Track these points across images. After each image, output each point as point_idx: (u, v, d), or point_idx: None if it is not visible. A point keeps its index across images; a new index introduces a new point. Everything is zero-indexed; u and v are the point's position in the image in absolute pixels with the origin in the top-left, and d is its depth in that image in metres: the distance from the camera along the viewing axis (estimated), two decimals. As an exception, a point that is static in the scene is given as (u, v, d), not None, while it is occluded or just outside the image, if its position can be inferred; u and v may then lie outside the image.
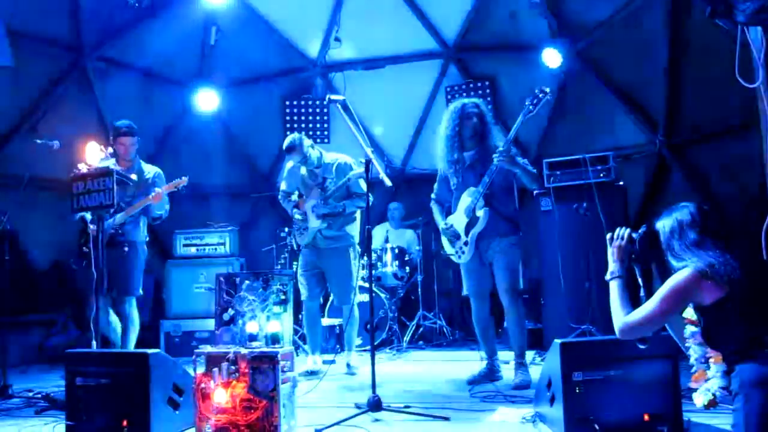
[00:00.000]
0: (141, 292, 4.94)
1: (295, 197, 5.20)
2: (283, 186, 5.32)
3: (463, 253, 4.52)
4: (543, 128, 7.44)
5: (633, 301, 2.46)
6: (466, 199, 4.50)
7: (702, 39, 5.80)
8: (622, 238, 2.56)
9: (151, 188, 4.83)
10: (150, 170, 5.08)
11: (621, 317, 2.43)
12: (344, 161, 5.08)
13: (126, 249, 4.76)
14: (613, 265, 2.56)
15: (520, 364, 4.42)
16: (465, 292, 4.66)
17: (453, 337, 6.91)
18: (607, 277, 2.56)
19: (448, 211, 4.71)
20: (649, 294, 2.43)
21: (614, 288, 2.52)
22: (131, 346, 4.81)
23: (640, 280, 2.51)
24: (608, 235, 2.62)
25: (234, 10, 7.20)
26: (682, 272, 2.30)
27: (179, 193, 4.93)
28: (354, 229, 5.17)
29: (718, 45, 4.76)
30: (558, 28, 6.86)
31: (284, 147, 5.03)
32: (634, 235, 2.54)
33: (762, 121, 3.32)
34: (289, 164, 5.24)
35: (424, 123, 8.09)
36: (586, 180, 5.37)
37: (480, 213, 4.41)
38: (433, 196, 4.86)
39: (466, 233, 4.48)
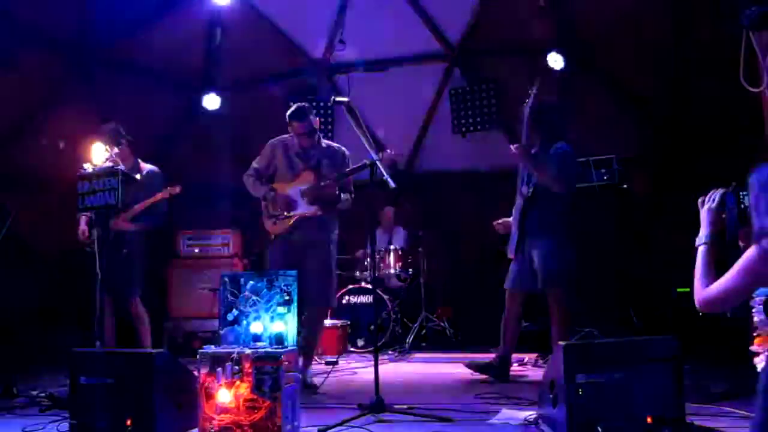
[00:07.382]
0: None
1: (268, 194, 4.56)
2: (255, 163, 4.67)
3: (510, 249, 4.60)
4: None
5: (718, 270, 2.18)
6: (518, 199, 4.58)
7: (707, 43, 5.80)
8: (714, 200, 2.34)
9: (149, 189, 4.87)
10: (144, 169, 5.09)
11: (699, 290, 2.18)
12: (338, 147, 4.71)
13: (125, 251, 4.72)
14: (702, 230, 2.31)
15: None
16: (506, 285, 4.65)
17: (456, 339, 6.90)
18: (697, 242, 2.32)
19: None
20: None
21: (699, 255, 2.27)
22: (148, 344, 4.88)
23: (740, 244, 2.24)
24: (699, 200, 2.39)
25: (238, 12, 7.22)
26: (751, 250, 2.00)
27: (181, 194, 4.99)
28: (336, 223, 4.65)
29: (723, 49, 4.76)
30: (563, 31, 6.86)
31: (289, 113, 4.54)
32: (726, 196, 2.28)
33: (767, 125, 3.32)
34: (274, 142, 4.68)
35: (428, 126, 8.09)
36: (590, 183, 5.36)
37: (524, 215, 4.49)
38: None
39: (517, 232, 4.55)
